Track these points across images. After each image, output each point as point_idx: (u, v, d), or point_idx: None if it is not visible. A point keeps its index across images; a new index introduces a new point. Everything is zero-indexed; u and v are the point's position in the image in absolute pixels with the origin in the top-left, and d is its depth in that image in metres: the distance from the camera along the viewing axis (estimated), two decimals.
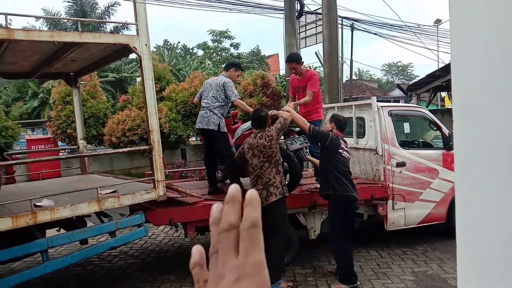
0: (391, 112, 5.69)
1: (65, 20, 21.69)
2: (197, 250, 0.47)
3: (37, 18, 22.39)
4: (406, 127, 6.08)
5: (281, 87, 13.27)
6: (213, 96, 4.94)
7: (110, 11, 23.37)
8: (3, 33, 3.49)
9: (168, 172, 5.89)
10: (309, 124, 4.46)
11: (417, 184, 5.59)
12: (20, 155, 10.10)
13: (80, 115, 6.69)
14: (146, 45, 4.26)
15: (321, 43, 11.66)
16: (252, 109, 5.06)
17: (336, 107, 6.46)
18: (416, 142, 6.33)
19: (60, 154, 11.19)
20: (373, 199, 5.36)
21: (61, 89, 11.00)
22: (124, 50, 4.65)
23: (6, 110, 15.94)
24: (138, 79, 12.14)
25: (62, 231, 4.54)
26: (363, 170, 5.99)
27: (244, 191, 0.43)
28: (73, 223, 4.21)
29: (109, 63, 5.84)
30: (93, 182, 5.32)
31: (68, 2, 22.96)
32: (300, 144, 4.64)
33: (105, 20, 15.05)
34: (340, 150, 4.42)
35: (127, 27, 19.81)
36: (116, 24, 21.49)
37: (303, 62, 5.29)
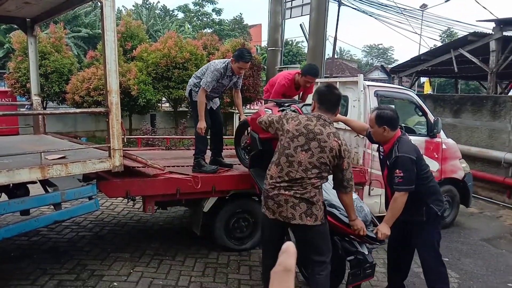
0: (377, 93, 5.32)
1: None
2: (292, 251, 0.47)
3: None
4: None
5: (261, 58, 12.70)
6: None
7: None
8: None
9: (127, 138, 5.35)
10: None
11: None
12: None
13: (35, 68, 5.96)
14: None
15: (307, 15, 11.11)
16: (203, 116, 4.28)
17: (319, 83, 6.00)
18: (399, 126, 5.98)
19: (18, 109, 10.33)
20: None
21: (23, 38, 10.02)
22: None
23: None
24: None
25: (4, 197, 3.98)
26: None
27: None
28: (12, 191, 3.65)
29: (69, 8, 5.13)
30: (42, 145, 4.71)
31: None
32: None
33: None
34: None
35: None
36: None
37: None
